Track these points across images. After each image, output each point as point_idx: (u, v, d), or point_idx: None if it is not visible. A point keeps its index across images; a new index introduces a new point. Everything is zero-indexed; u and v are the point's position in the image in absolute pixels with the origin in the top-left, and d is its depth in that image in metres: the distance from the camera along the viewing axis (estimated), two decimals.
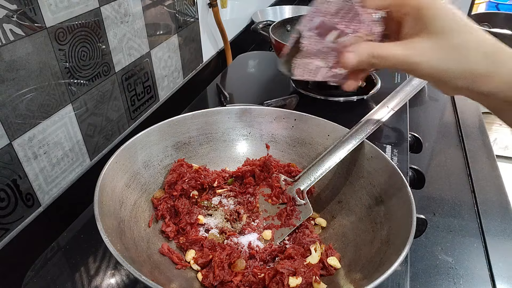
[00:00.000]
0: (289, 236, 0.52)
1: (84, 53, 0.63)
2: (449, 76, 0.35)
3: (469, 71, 0.34)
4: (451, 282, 0.51)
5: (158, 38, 0.84)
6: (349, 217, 0.53)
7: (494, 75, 0.34)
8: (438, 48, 0.34)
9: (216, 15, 1.05)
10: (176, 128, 0.59)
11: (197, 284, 0.46)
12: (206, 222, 0.53)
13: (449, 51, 0.34)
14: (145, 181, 0.54)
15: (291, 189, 0.54)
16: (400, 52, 0.35)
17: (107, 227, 0.41)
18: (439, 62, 0.34)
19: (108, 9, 0.67)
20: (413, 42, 0.35)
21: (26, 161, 0.56)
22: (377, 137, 0.74)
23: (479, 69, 0.34)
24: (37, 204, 0.59)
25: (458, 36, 0.34)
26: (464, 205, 0.64)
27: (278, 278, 0.43)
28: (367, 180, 0.53)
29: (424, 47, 0.34)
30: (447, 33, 0.34)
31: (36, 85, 0.55)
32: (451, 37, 0.34)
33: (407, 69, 0.36)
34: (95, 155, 0.71)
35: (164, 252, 0.48)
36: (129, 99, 0.78)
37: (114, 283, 0.49)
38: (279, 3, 1.55)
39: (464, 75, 0.34)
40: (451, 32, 0.34)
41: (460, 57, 0.34)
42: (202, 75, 1.08)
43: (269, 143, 0.63)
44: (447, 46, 0.34)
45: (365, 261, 0.45)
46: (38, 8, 0.53)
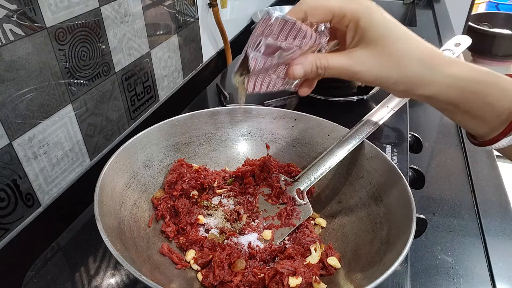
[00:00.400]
0: (289, 236, 0.52)
1: (84, 53, 0.63)
2: (389, 82, 0.37)
3: (406, 78, 0.36)
4: (451, 282, 0.51)
5: (158, 38, 0.84)
6: (349, 217, 0.53)
7: (430, 81, 0.36)
8: (375, 57, 0.36)
9: (216, 15, 1.05)
10: (176, 128, 0.59)
11: (197, 284, 0.46)
12: (206, 222, 0.53)
13: (386, 59, 0.36)
14: (145, 181, 0.54)
15: (291, 189, 0.54)
16: (342, 62, 0.37)
17: (107, 227, 0.41)
18: (378, 70, 0.36)
19: (108, 9, 0.67)
20: (354, 52, 0.37)
21: (26, 161, 0.56)
22: (377, 137, 0.74)
23: (415, 75, 0.36)
24: (37, 204, 0.59)
25: (393, 44, 0.36)
26: (464, 205, 0.64)
27: (278, 278, 0.43)
28: (367, 180, 0.53)
29: (364, 57, 0.36)
30: (382, 41, 0.36)
31: (36, 85, 0.55)
32: (386, 45, 0.36)
33: (352, 77, 0.38)
34: (95, 155, 0.71)
35: (164, 252, 0.48)
36: (129, 99, 0.78)
37: (114, 283, 0.49)
38: (279, 3, 1.55)
39: (402, 81, 0.36)
40: (385, 41, 0.36)
41: (396, 64, 0.36)
42: (202, 75, 1.08)
43: (269, 143, 0.63)
44: (384, 54, 0.36)
45: (365, 261, 0.45)
46: (38, 8, 0.53)
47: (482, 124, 0.37)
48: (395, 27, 0.36)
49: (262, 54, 0.38)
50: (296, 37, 0.37)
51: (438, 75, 0.35)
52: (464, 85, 0.35)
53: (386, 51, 0.36)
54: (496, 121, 0.36)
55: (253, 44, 0.37)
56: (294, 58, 0.39)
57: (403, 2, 1.71)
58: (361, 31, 0.36)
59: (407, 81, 0.36)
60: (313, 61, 0.38)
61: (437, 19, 1.50)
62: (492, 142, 0.37)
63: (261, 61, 0.38)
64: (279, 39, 0.37)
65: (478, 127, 0.37)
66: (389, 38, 0.36)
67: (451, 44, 0.53)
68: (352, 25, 0.37)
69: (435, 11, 1.60)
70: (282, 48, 0.37)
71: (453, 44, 0.53)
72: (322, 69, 0.38)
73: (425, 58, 0.36)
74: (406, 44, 0.36)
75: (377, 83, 0.38)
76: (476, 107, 0.36)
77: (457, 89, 0.35)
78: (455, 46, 0.53)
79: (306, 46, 0.38)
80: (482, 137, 0.38)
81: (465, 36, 0.54)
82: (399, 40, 0.36)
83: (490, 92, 0.35)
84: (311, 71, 0.38)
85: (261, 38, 0.36)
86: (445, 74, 0.35)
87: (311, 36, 0.38)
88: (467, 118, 0.37)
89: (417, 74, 0.36)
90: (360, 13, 0.36)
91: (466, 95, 0.35)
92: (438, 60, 0.36)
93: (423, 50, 0.36)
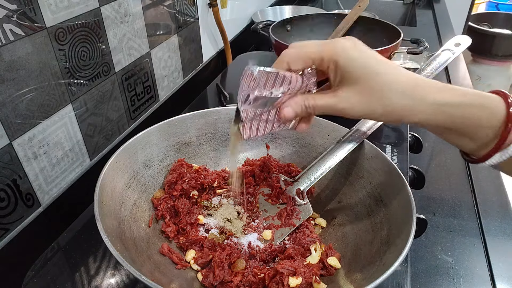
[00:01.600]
0: (289, 236, 0.52)
1: (84, 53, 0.63)
2: (376, 115, 0.38)
3: (391, 110, 0.37)
4: (451, 282, 0.51)
5: (158, 38, 0.84)
6: (349, 217, 0.53)
7: (415, 110, 0.37)
8: (358, 94, 0.37)
9: (216, 15, 1.05)
10: (176, 128, 0.59)
11: (197, 284, 0.46)
12: (206, 222, 0.53)
13: (368, 95, 0.37)
14: (145, 181, 0.54)
15: (291, 189, 0.54)
16: (328, 101, 0.39)
17: (107, 227, 0.41)
18: (363, 106, 0.38)
19: (108, 9, 0.67)
20: (338, 91, 0.39)
21: (26, 161, 0.56)
22: (377, 137, 0.74)
23: (399, 107, 0.37)
24: (37, 204, 0.59)
25: (373, 79, 0.37)
26: (464, 205, 0.64)
27: (278, 278, 0.43)
28: (367, 180, 0.53)
29: (347, 94, 0.38)
30: (362, 78, 0.37)
31: (36, 85, 0.55)
32: (365, 82, 0.37)
33: (339, 114, 0.40)
34: (95, 155, 0.71)
35: (164, 252, 0.48)
36: (129, 99, 0.78)
37: (114, 283, 0.49)
38: (279, 3, 1.55)
39: (387, 114, 0.37)
40: (364, 78, 0.37)
41: (379, 98, 0.37)
42: (202, 75, 1.08)
43: (269, 143, 0.63)
44: (365, 91, 0.37)
45: (365, 261, 0.45)
46: (38, 8, 0.53)
47: (473, 142, 0.37)
48: (373, 61, 0.37)
49: (252, 106, 0.40)
50: (282, 84, 0.39)
51: (421, 104, 0.36)
52: (450, 110, 0.36)
53: (367, 86, 0.37)
54: (486, 139, 0.36)
55: (242, 98, 0.39)
56: (284, 101, 0.41)
57: (403, 2, 1.71)
58: (341, 71, 0.38)
59: (392, 113, 0.37)
60: (301, 102, 0.40)
61: (437, 19, 1.50)
62: (485, 159, 0.37)
63: (251, 111, 0.41)
64: (266, 89, 0.39)
65: (471, 146, 0.38)
66: (368, 74, 0.37)
67: (451, 44, 0.53)
68: (332, 66, 0.38)
69: (435, 11, 1.60)
70: (270, 97, 0.39)
71: (453, 44, 0.53)
72: (310, 108, 0.40)
73: (406, 88, 0.36)
74: (386, 77, 0.37)
75: (365, 117, 0.39)
76: (466, 129, 0.36)
77: (443, 115, 0.36)
78: (455, 46, 0.53)
79: (294, 90, 0.40)
80: (475, 155, 0.39)
81: (465, 36, 0.54)
82: (378, 74, 0.37)
83: (477, 114, 0.36)
84: (301, 112, 0.40)
85: (249, 92, 0.38)
86: (429, 102, 0.36)
87: (296, 80, 0.39)
88: (459, 138, 0.38)
89: (400, 105, 0.37)
90: (337, 54, 0.37)
91: (453, 119, 0.36)
92: (421, 89, 0.36)
93: (403, 81, 0.37)
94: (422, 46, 0.93)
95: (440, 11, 1.61)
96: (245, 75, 0.38)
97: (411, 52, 0.93)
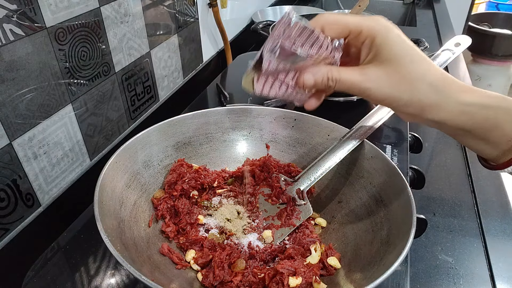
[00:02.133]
0: (289, 236, 0.52)
1: (84, 53, 0.63)
2: (399, 103, 0.37)
3: (417, 101, 0.36)
4: (451, 282, 0.51)
5: (158, 38, 0.84)
6: (349, 217, 0.53)
7: (441, 106, 0.36)
8: (388, 75, 0.36)
9: (216, 15, 1.05)
10: (176, 128, 0.59)
11: (197, 284, 0.46)
12: (206, 222, 0.53)
13: (398, 79, 0.36)
14: (145, 181, 0.54)
15: (291, 189, 0.54)
16: (354, 77, 0.37)
17: (107, 227, 0.41)
18: (390, 89, 0.36)
19: (108, 9, 0.67)
20: (367, 69, 0.37)
21: (26, 161, 0.56)
22: (377, 137, 0.74)
23: (425, 99, 0.36)
24: (37, 204, 0.59)
25: (407, 65, 0.36)
26: (464, 205, 0.64)
27: (278, 278, 0.43)
28: (367, 180, 0.53)
29: (376, 74, 0.36)
30: (396, 61, 0.36)
31: (36, 85, 0.55)
32: (399, 66, 0.36)
33: (361, 94, 0.38)
34: (95, 155, 0.71)
35: (164, 252, 0.48)
36: (129, 99, 0.78)
37: (114, 283, 0.49)
38: (279, 3, 1.55)
39: (412, 104, 0.36)
40: (400, 61, 0.36)
41: (408, 86, 0.36)
42: (202, 75, 1.08)
43: (269, 143, 0.63)
44: (396, 74, 0.36)
45: (365, 261, 0.45)
46: (38, 8, 0.53)
47: (494, 148, 0.36)
48: (410, 49, 0.36)
49: (277, 57, 0.38)
50: (313, 45, 0.37)
51: (449, 101, 0.35)
52: (475, 111, 0.35)
53: (400, 71, 0.36)
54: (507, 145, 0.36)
55: (270, 45, 0.37)
56: (307, 66, 0.39)
57: (403, 2, 1.71)
58: (376, 48, 0.36)
59: (417, 104, 0.36)
60: (325, 72, 0.38)
61: (437, 19, 1.50)
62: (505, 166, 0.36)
63: (274, 63, 0.38)
64: (296, 44, 0.37)
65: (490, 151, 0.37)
66: (404, 59, 0.36)
67: (451, 44, 0.53)
68: (368, 41, 0.37)
69: (435, 11, 1.60)
70: (297, 54, 0.37)
71: (453, 44, 0.53)
72: (333, 81, 0.38)
73: (438, 82, 0.35)
74: (420, 67, 0.36)
75: (387, 103, 0.38)
76: (488, 133, 0.36)
77: (468, 115, 0.35)
78: (455, 46, 0.53)
79: (320, 56, 0.38)
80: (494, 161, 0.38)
81: (465, 36, 0.54)
82: (413, 62, 0.36)
83: (501, 117, 0.35)
84: (321, 82, 0.38)
85: (279, 40, 0.36)
86: (457, 100, 0.35)
87: (327, 47, 0.37)
88: (479, 143, 0.37)
89: (428, 98, 0.36)
90: (377, 31, 0.36)
91: (477, 121, 0.35)
92: (451, 86, 0.36)
93: (436, 74, 0.36)
94: (422, 46, 0.94)
95: (440, 11, 1.61)
96: (282, 20, 0.36)
97: None
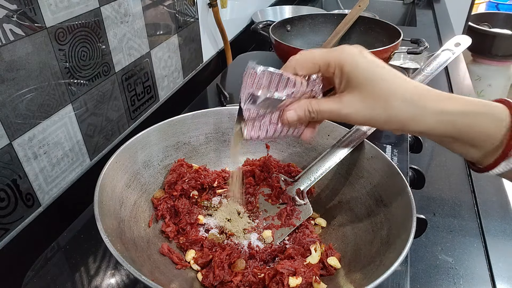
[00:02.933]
0: (289, 236, 0.52)
1: (84, 53, 0.63)
2: (379, 122, 0.38)
3: (395, 117, 0.37)
4: (451, 282, 0.51)
5: (158, 38, 0.84)
6: (349, 217, 0.53)
7: (419, 119, 0.37)
8: (362, 99, 0.38)
9: (216, 15, 1.05)
10: (176, 128, 0.59)
11: (197, 284, 0.46)
12: (206, 222, 0.53)
13: (372, 101, 0.37)
14: (145, 181, 0.54)
15: (291, 189, 0.54)
16: (332, 106, 0.39)
17: (107, 227, 0.41)
18: (367, 112, 0.38)
19: (108, 9, 0.67)
20: (342, 96, 0.39)
21: (26, 161, 0.56)
22: (377, 137, 0.74)
23: (401, 114, 0.37)
24: (37, 204, 0.59)
25: (378, 85, 0.37)
26: (464, 205, 0.64)
27: (278, 278, 0.43)
28: (367, 180, 0.53)
29: (352, 100, 0.38)
30: (367, 83, 0.37)
31: (36, 85, 0.55)
32: (372, 86, 0.37)
33: (343, 120, 0.40)
34: (95, 155, 0.71)
35: (164, 252, 0.48)
36: (129, 99, 0.78)
37: (114, 283, 0.49)
38: (279, 3, 1.55)
39: (392, 121, 0.37)
40: (371, 82, 0.37)
41: (383, 104, 0.37)
42: (202, 75, 1.08)
43: (269, 143, 0.63)
44: (370, 96, 0.37)
45: (365, 261, 0.45)
46: (38, 8, 0.53)
47: (478, 151, 0.37)
48: (379, 68, 0.37)
49: (255, 106, 0.39)
50: (286, 86, 0.39)
51: (426, 112, 0.36)
52: (455, 119, 0.36)
53: (372, 92, 0.37)
54: (491, 147, 0.36)
55: (245, 97, 0.39)
56: (287, 105, 0.41)
57: (403, 2, 1.71)
58: (347, 76, 0.38)
59: (396, 120, 0.37)
60: (305, 106, 0.40)
61: (437, 19, 1.51)
62: (491, 168, 0.37)
63: (254, 111, 0.40)
64: (269, 90, 0.38)
65: (475, 155, 0.38)
66: (374, 79, 0.37)
67: (451, 44, 0.53)
68: (337, 71, 0.38)
69: (435, 11, 1.60)
70: (274, 99, 0.39)
71: (453, 44, 0.53)
72: (314, 112, 0.40)
73: (412, 96, 0.36)
74: (392, 84, 0.37)
75: (368, 124, 0.39)
76: (471, 138, 0.36)
77: (448, 124, 0.36)
78: (455, 46, 0.53)
79: (298, 93, 0.40)
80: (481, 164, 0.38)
81: (465, 36, 0.54)
82: (383, 80, 0.37)
83: (481, 122, 0.35)
84: (304, 115, 0.41)
85: (252, 91, 0.38)
86: (434, 111, 0.36)
87: (301, 84, 0.39)
88: (463, 147, 0.38)
89: (404, 113, 0.37)
90: (343, 60, 0.38)
91: (459, 128, 0.36)
92: (426, 97, 0.36)
93: (408, 88, 0.37)
94: (422, 46, 0.94)
95: (440, 11, 1.61)
96: (248, 73, 0.38)
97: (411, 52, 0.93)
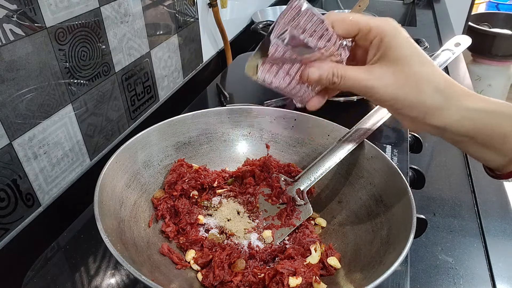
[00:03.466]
0: (289, 236, 0.52)
1: (84, 53, 0.63)
2: (404, 104, 0.36)
3: (421, 102, 0.36)
4: (451, 282, 0.51)
5: (158, 38, 0.84)
6: (349, 217, 0.53)
7: (444, 110, 0.36)
8: (394, 76, 0.36)
9: (216, 15, 1.05)
10: (176, 128, 0.59)
11: (197, 284, 0.46)
12: (206, 222, 0.53)
13: (404, 80, 0.36)
14: (145, 181, 0.54)
15: (291, 189, 0.54)
16: (360, 75, 0.37)
17: (107, 227, 0.41)
18: (394, 90, 0.36)
19: (108, 9, 0.67)
20: (373, 68, 0.37)
21: (26, 161, 0.56)
22: (377, 137, 0.74)
23: (430, 101, 0.36)
24: (37, 204, 0.59)
25: (414, 67, 0.36)
26: (464, 205, 0.64)
27: (278, 278, 0.43)
28: (367, 180, 0.53)
29: (383, 73, 0.36)
30: (404, 62, 0.36)
31: (36, 85, 0.55)
32: (408, 66, 0.36)
33: (365, 92, 0.37)
34: (95, 155, 0.71)
35: (164, 252, 0.48)
36: (129, 99, 0.78)
37: (114, 283, 0.49)
38: (279, 3, 1.55)
39: (416, 105, 0.36)
40: (408, 62, 0.36)
41: (414, 87, 0.36)
42: (202, 75, 1.08)
43: (269, 143, 0.63)
44: (403, 75, 0.36)
45: (365, 261, 0.45)
46: (38, 8, 0.53)
47: (498, 156, 0.36)
48: (418, 52, 0.36)
49: (284, 44, 0.37)
50: (322, 37, 0.36)
51: (453, 106, 0.35)
52: (479, 117, 0.35)
53: (407, 72, 0.35)
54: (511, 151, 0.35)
55: (278, 31, 0.36)
56: (313, 59, 0.38)
57: (403, 2, 1.71)
58: (385, 48, 0.36)
59: (421, 107, 0.36)
60: (331, 67, 0.38)
61: (437, 19, 1.50)
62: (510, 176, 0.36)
63: (281, 50, 0.37)
64: (305, 33, 0.36)
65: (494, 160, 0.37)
66: (411, 60, 0.36)
67: (451, 44, 0.53)
68: (377, 41, 0.36)
69: (435, 11, 1.60)
70: (305, 44, 0.36)
71: (453, 44, 0.53)
72: (338, 77, 0.37)
73: (444, 87, 0.35)
74: (427, 69, 0.36)
75: (390, 103, 0.37)
76: (491, 139, 0.35)
77: (471, 121, 0.35)
78: (455, 46, 0.53)
79: (327, 51, 0.37)
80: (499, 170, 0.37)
81: (465, 36, 0.54)
82: (420, 64, 0.36)
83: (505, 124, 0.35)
84: (326, 77, 0.38)
85: (288, 27, 0.35)
86: (461, 106, 0.35)
87: (335, 42, 0.37)
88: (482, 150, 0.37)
89: (433, 100, 0.35)
90: (386, 31, 0.36)
91: (480, 127, 0.35)
92: (456, 91, 0.36)
93: (442, 78, 0.36)
94: (422, 46, 0.94)
95: (440, 11, 1.61)
96: (291, 5, 0.35)
97: None
